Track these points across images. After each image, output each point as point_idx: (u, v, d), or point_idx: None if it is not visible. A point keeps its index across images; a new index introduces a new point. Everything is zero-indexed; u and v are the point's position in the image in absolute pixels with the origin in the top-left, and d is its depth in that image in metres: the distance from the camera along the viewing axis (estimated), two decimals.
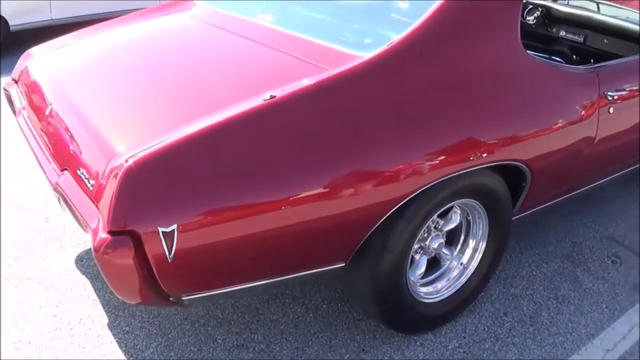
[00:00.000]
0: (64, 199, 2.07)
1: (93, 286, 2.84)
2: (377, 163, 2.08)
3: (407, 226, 2.25)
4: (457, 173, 2.26)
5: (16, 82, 2.99)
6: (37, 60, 2.88)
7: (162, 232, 1.72)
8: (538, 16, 4.25)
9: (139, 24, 3.20)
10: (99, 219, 1.76)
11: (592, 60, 3.53)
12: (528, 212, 2.90)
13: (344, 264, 2.23)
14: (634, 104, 3.13)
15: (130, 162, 1.75)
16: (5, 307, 2.68)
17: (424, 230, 2.45)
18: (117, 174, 1.75)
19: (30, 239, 3.19)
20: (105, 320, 2.63)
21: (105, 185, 1.79)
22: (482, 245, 2.65)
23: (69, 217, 2.10)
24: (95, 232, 1.73)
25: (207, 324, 2.62)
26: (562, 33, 4.20)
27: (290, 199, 1.93)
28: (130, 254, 1.70)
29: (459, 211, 2.59)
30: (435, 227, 2.53)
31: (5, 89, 3.03)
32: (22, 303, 2.71)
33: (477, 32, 2.41)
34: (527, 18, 4.25)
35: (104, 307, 2.70)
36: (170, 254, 1.75)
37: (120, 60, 2.69)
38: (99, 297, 2.77)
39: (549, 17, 4.27)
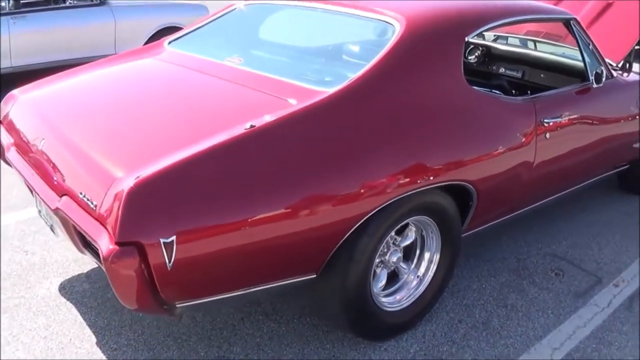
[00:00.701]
0: (62, 221, 2.30)
1: (78, 310, 3.03)
2: (342, 185, 2.39)
3: (370, 240, 2.54)
4: (411, 192, 2.57)
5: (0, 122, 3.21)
6: (24, 99, 3.11)
7: (163, 242, 1.98)
8: (479, 55, 4.66)
9: (117, 66, 3.47)
10: (105, 233, 2.01)
11: (529, 92, 3.91)
12: (476, 230, 3.21)
13: (315, 276, 2.50)
14: (569, 131, 3.50)
15: (132, 183, 2.02)
16: None
17: (384, 245, 2.74)
18: (122, 193, 2.01)
19: (13, 270, 3.37)
20: (94, 339, 2.83)
21: (110, 204, 2.04)
22: (437, 257, 2.95)
23: (63, 241, 2.33)
24: (103, 244, 1.98)
25: (188, 339, 2.84)
26: (502, 70, 4.60)
27: (268, 216, 2.22)
28: (135, 263, 1.96)
29: (414, 229, 2.89)
30: (393, 243, 2.82)
31: None
32: (12, 327, 2.89)
33: (425, 70, 2.77)
34: (469, 57, 4.65)
35: (91, 329, 2.90)
36: (170, 262, 2.00)
37: (104, 97, 2.97)
38: (85, 319, 2.97)
39: (489, 55, 4.68)
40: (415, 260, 2.97)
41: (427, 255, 2.96)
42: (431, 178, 2.64)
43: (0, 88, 6.59)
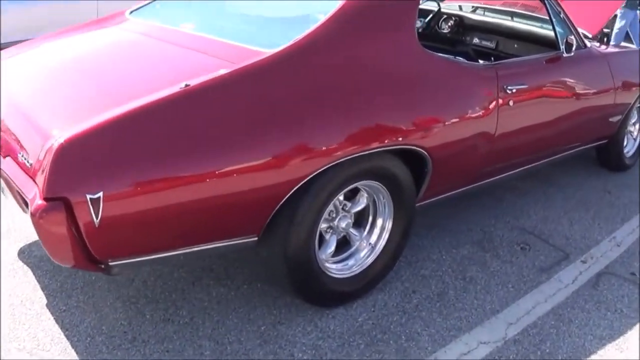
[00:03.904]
0: (5, 182, 2.31)
1: (34, 273, 3.05)
2: (282, 144, 2.36)
3: (312, 202, 2.52)
4: (355, 155, 2.54)
5: None
6: None
7: (90, 198, 1.99)
8: (452, 25, 4.62)
9: (75, 34, 3.47)
10: (36, 190, 2.02)
11: (492, 58, 3.87)
12: (434, 199, 3.18)
13: (256, 238, 2.49)
14: (536, 101, 3.44)
15: (62, 140, 2.02)
16: None
17: (333, 210, 2.72)
18: (50, 150, 2.02)
19: None
20: (44, 301, 2.84)
21: (41, 161, 2.05)
22: (389, 224, 2.92)
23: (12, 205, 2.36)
24: (32, 200, 1.99)
25: (137, 302, 2.85)
26: (476, 40, 4.56)
27: (203, 174, 2.20)
28: (62, 218, 1.97)
29: (365, 195, 2.86)
30: (343, 208, 2.80)
31: None
32: None
33: (373, 32, 2.72)
34: (442, 27, 4.62)
35: (43, 291, 2.91)
36: (97, 219, 2.01)
37: (55, 64, 2.95)
38: (39, 282, 2.98)
39: (463, 25, 4.64)
40: (367, 227, 2.95)
41: (379, 222, 2.93)
42: (379, 142, 2.61)
43: None
